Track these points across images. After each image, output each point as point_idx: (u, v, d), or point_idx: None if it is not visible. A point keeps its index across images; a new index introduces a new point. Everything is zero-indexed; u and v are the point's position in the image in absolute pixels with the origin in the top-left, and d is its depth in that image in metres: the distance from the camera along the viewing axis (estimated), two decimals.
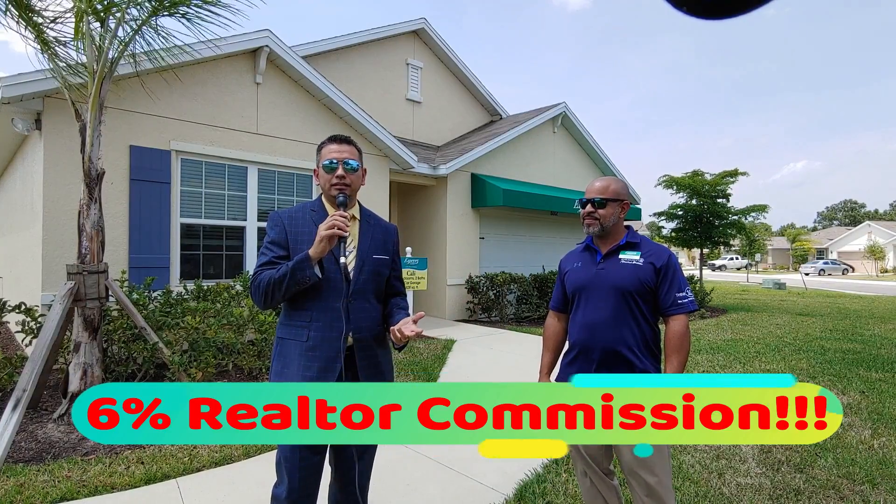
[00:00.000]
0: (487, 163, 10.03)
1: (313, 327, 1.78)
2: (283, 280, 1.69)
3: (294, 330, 1.80)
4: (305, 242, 1.79)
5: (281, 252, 1.81)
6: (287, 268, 1.69)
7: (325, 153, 1.85)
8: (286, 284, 1.69)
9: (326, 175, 1.83)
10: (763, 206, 13.46)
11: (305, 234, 1.82)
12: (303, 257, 1.69)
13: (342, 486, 1.93)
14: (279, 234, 1.83)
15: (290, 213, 1.88)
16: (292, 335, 1.80)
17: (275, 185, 6.76)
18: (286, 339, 1.82)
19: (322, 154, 1.87)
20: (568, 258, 2.17)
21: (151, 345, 4.03)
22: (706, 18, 0.58)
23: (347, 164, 1.83)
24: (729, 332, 8.63)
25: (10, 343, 6.58)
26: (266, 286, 1.72)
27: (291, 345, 1.80)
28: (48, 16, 3.78)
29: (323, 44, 9.19)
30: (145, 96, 5.50)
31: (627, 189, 2.06)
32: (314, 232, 1.78)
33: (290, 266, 1.69)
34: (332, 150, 1.84)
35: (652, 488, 1.81)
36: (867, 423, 4.01)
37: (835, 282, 29.75)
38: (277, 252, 1.80)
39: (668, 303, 1.90)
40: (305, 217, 1.87)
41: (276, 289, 1.71)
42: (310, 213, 1.88)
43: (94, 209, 3.82)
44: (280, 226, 1.84)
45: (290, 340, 1.81)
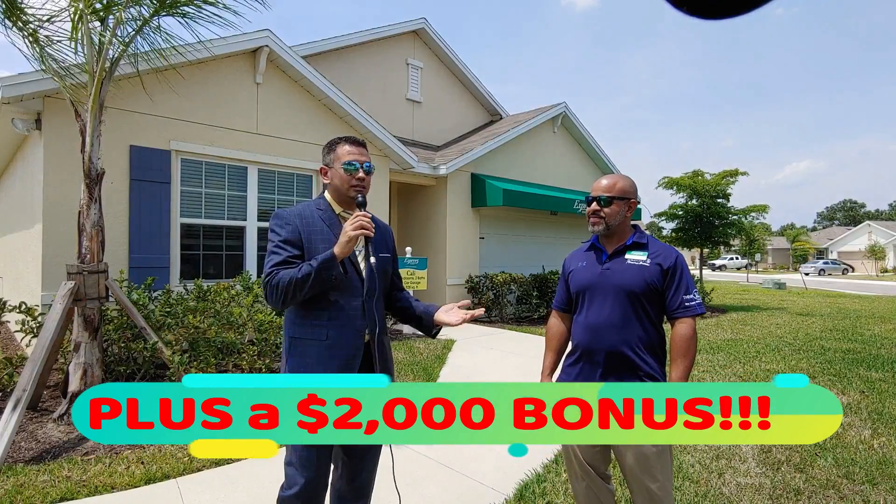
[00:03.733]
0: (487, 163, 10.03)
1: (333, 326, 1.79)
2: (306, 279, 1.68)
3: (311, 329, 1.80)
4: (319, 241, 1.80)
5: (296, 251, 1.79)
6: (311, 268, 1.69)
7: (343, 154, 1.86)
8: (310, 284, 1.69)
9: (345, 176, 1.85)
10: (763, 206, 13.46)
11: (317, 232, 1.83)
12: (328, 256, 1.70)
13: (349, 480, 1.95)
14: (292, 234, 1.81)
15: (300, 213, 1.87)
16: (310, 335, 1.80)
17: (275, 185, 6.76)
18: (302, 338, 1.81)
19: (338, 154, 1.87)
20: (572, 257, 2.13)
21: (151, 345, 4.03)
22: (706, 18, 0.58)
23: (366, 167, 1.87)
24: (729, 332, 8.63)
25: (10, 343, 6.58)
26: (287, 286, 1.69)
27: (309, 344, 1.80)
28: (40, 16, 3.76)
29: (323, 44, 9.19)
30: (145, 96, 5.50)
31: (636, 187, 2.00)
32: (325, 231, 1.80)
33: (314, 266, 1.68)
34: (353, 152, 1.87)
35: (653, 493, 1.78)
36: (867, 422, 4.01)
37: (835, 282, 29.75)
38: (292, 251, 1.78)
39: (674, 305, 1.86)
40: (314, 216, 1.87)
41: (298, 288, 1.69)
42: (317, 211, 1.88)
43: (93, 209, 3.82)
44: (292, 225, 1.82)
45: (307, 340, 1.80)
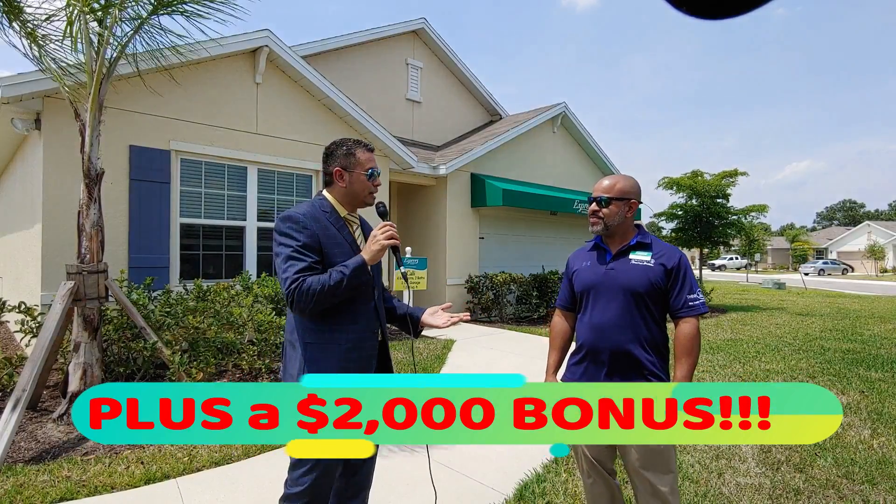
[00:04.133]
0: (487, 163, 10.04)
1: (352, 329, 1.83)
2: (339, 286, 1.71)
3: (330, 334, 1.80)
4: (334, 246, 1.82)
5: (316, 257, 1.78)
6: (343, 274, 1.72)
7: (365, 161, 1.91)
8: (343, 289, 1.72)
9: (367, 182, 1.92)
10: (763, 206, 13.46)
11: (331, 236, 1.83)
12: (360, 263, 1.76)
13: (347, 477, 1.97)
14: (311, 239, 1.78)
15: (313, 216, 1.83)
16: (328, 339, 1.80)
17: (274, 185, 6.76)
18: (319, 343, 1.80)
19: (360, 160, 1.90)
20: (576, 256, 2.14)
21: (151, 344, 4.03)
22: (706, 19, 0.58)
23: (379, 172, 1.98)
24: (729, 332, 8.63)
25: (9, 343, 6.58)
26: (319, 292, 1.68)
27: (328, 349, 1.80)
28: (38, 15, 3.76)
29: (323, 44, 9.19)
30: (145, 96, 5.50)
31: (638, 188, 2.01)
32: (336, 235, 1.84)
33: (347, 273, 1.72)
34: (372, 160, 1.95)
35: (657, 489, 1.80)
36: (867, 422, 4.01)
37: (834, 282, 29.75)
38: (314, 257, 1.77)
39: (678, 305, 1.88)
40: (323, 219, 1.85)
41: (331, 294, 1.70)
42: (323, 214, 1.87)
43: (93, 209, 3.81)
44: (309, 229, 1.79)
45: (324, 345, 1.80)
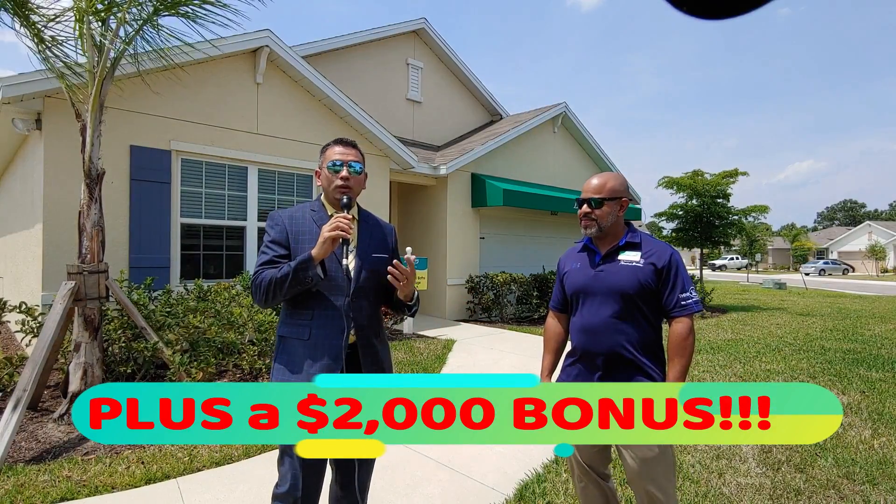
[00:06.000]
0: (487, 163, 10.03)
1: (315, 325, 1.80)
2: (284, 280, 1.71)
3: (295, 328, 1.82)
4: (306, 242, 1.81)
5: (282, 251, 1.82)
6: (289, 268, 1.71)
7: (330, 154, 1.88)
8: (288, 284, 1.71)
9: (330, 176, 1.86)
10: (763, 206, 13.46)
11: (306, 233, 1.84)
12: (305, 258, 1.70)
13: (343, 485, 1.94)
14: (280, 234, 1.84)
15: (291, 213, 1.90)
16: (294, 333, 1.82)
17: (275, 185, 6.76)
18: (288, 337, 1.84)
19: (326, 155, 1.89)
20: (567, 257, 2.11)
21: (152, 344, 4.03)
22: (706, 18, 0.58)
23: (352, 166, 1.86)
24: (729, 332, 8.63)
25: (10, 343, 6.58)
26: (267, 285, 1.73)
27: (294, 343, 1.82)
28: (47, 14, 3.77)
29: (323, 44, 9.19)
30: (146, 96, 5.50)
31: (627, 184, 1.98)
32: (315, 231, 1.80)
33: (292, 266, 1.70)
34: (338, 152, 1.87)
35: (655, 497, 1.78)
36: (867, 422, 4.01)
37: (835, 282, 29.73)
38: (278, 251, 1.82)
39: (671, 304, 1.84)
40: (305, 217, 1.89)
41: (278, 288, 1.72)
42: (310, 213, 1.90)
43: (94, 209, 3.82)
44: (280, 225, 1.86)
45: (292, 339, 1.83)
